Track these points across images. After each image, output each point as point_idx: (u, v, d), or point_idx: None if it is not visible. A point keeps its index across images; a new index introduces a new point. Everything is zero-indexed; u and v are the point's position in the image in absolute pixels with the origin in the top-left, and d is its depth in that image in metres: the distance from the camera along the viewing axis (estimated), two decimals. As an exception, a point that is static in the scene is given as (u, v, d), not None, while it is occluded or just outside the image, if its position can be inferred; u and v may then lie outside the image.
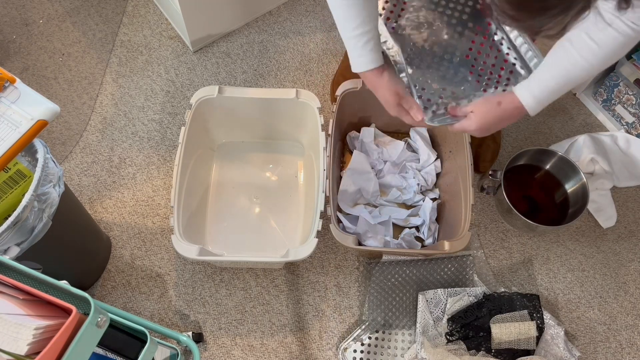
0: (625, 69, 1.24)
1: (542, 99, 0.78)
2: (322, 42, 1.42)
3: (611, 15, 0.69)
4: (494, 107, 0.82)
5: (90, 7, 1.44)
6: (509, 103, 0.81)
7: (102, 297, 1.11)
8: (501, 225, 1.22)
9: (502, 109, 0.81)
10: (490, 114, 0.82)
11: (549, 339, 1.06)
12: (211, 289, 1.13)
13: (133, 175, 1.23)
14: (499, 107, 0.81)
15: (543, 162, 1.22)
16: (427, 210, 1.15)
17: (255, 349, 1.08)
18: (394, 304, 1.09)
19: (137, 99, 1.32)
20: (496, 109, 0.81)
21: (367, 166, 1.19)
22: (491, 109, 0.82)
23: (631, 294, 1.16)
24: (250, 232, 1.17)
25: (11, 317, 0.54)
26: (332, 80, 1.35)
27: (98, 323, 0.57)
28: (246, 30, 1.43)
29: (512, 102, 0.80)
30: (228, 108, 1.13)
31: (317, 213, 0.98)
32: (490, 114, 0.82)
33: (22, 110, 0.77)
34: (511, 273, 1.17)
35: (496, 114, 0.82)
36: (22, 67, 1.35)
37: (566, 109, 1.37)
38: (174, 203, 0.99)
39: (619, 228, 1.23)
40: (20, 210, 0.74)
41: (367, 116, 1.25)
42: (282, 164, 1.25)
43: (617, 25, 0.69)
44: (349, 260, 1.17)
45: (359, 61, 0.85)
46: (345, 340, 1.08)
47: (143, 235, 1.17)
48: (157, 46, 1.39)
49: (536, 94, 0.78)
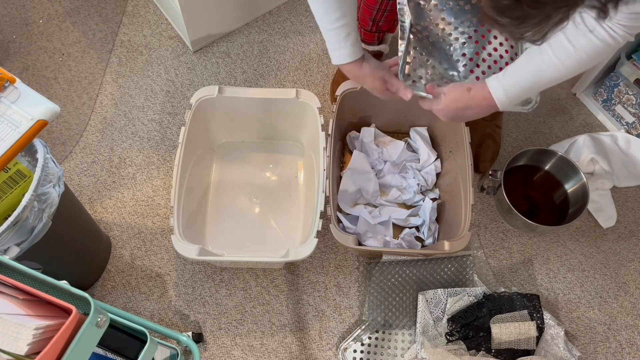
0: (625, 69, 1.24)
1: (512, 94, 0.79)
2: (322, 42, 1.42)
3: (594, 22, 0.69)
4: (463, 93, 0.82)
5: (90, 7, 1.44)
6: (479, 91, 0.81)
7: (102, 297, 1.11)
8: (501, 225, 1.22)
9: (471, 96, 0.81)
10: (459, 99, 0.83)
11: (549, 339, 1.06)
12: (211, 289, 1.13)
13: (133, 175, 1.23)
14: (468, 93, 0.82)
15: (543, 162, 1.22)
16: (427, 210, 1.15)
17: (255, 349, 1.08)
18: (394, 304, 1.09)
19: (137, 99, 1.32)
20: (465, 95, 0.82)
21: (367, 166, 1.19)
22: (460, 95, 0.83)
23: (631, 294, 1.16)
24: (250, 232, 1.17)
25: (11, 317, 0.54)
26: (332, 80, 1.35)
27: (98, 323, 0.57)
28: (246, 30, 1.43)
29: (482, 90, 0.81)
30: (228, 108, 1.13)
31: (317, 213, 0.98)
32: (458, 99, 0.83)
33: (22, 110, 0.77)
34: (511, 273, 1.17)
35: (464, 100, 0.82)
36: (22, 67, 1.35)
37: (566, 109, 1.37)
38: (174, 203, 0.99)
39: (619, 228, 1.23)
40: (20, 210, 0.74)
41: (367, 116, 1.25)
42: (282, 164, 1.25)
43: (598, 32, 0.69)
44: (349, 260, 1.17)
45: (340, 53, 0.86)
46: (345, 340, 1.08)
47: (143, 235, 1.17)
48: (157, 46, 1.39)
49: (507, 88, 0.79)
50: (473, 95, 0.81)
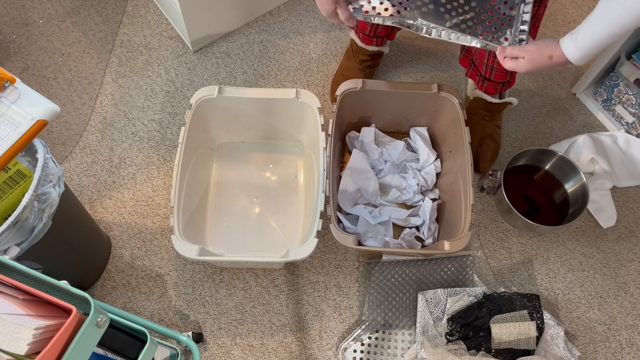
0: (625, 69, 1.24)
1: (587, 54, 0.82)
2: (322, 42, 1.42)
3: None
4: (544, 61, 0.86)
5: (90, 7, 1.44)
6: (559, 57, 0.85)
7: (102, 297, 1.11)
8: (501, 225, 1.22)
9: (552, 63, 0.86)
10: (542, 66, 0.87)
11: (549, 339, 1.06)
12: (211, 289, 1.13)
13: (133, 175, 1.23)
14: (550, 61, 0.86)
15: (543, 162, 1.22)
16: (427, 210, 1.15)
17: (255, 349, 1.08)
18: (394, 304, 1.09)
19: (137, 99, 1.32)
20: (547, 62, 0.86)
21: (366, 165, 1.19)
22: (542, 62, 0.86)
23: (631, 294, 1.16)
24: (250, 232, 1.17)
25: (11, 317, 0.54)
26: (332, 80, 1.35)
27: (98, 323, 0.57)
28: (246, 30, 1.43)
29: (562, 57, 0.84)
30: (228, 108, 1.13)
31: (317, 213, 0.98)
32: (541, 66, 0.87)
33: (22, 110, 0.77)
34: (511, 273, 1.17)
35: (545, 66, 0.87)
36: (22, 67, 1.35)
37: (566, 109, 1.37)
38: (174, 203, 0.99)
39: (619, 228, 1.23)
40: (20, 210, 0.74)
41: (367, 116, 1.25)
42: (282, 164, 1.25)
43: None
44: (349, 260, 1.17)
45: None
46: (345, 340, 1.08)
47: (143, 235, 1.17)
48: (157, 46, 1.39)
49: (582, 49, 0.81)
50: (554, 62, 0.85)
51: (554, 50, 0.84)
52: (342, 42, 1.43)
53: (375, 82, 1.13)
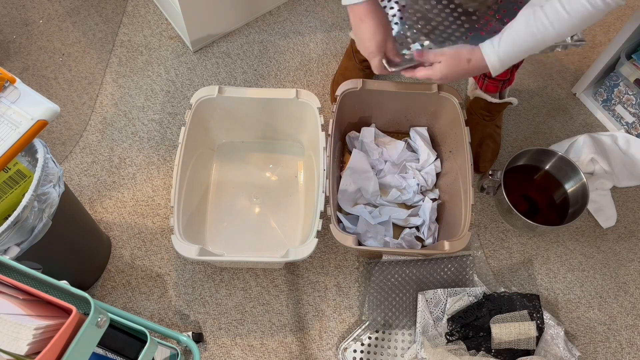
0: (625, 69, 1.24)
1: (506, 61, 0.82)
2: (322, 42, 1.42)
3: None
4: (462, 64, 0.84)
5: (90, 7, 1.44)
6: (478, 61, 0.83)
7: (102, 297, 1.11)
8: (501, 225, 1.22)
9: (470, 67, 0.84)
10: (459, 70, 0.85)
11: (549, 339, 1.06)
12: (211, 289, 1.13)
13: (133, 175, 1.23)
14: (468, 65, 0.84)
15: (543, 162, 1.22)
16: (427, 210, 1.15)
17: (255, 349, 1.08)
18: (394, 304, 1.09)
19: (137, 99, 1.32)
20: (464, 66, 0.84)
21: (366, 165, 1.19)
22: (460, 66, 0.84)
23: (631, 294, 1.16)
24: (250, 232, 1.17)
25: (11, 317, 0.54)
26: (332, 80, 1.35)
27: (98, 323, 0.57)
28: (246, 30, 1.43)
29: (481, 61, 0.83)
30: (228, 108, 1.13)
31: (317, 213, 0.98)
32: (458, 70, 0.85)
33: (22, 110, 0.77)
34: (511, 273, 1.17)
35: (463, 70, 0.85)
36: (22, 67, 1.35)
37: (566, 109, 1.37)
38: (174, 203, 0.99)
39: (619, 228, 1.23)
40: (20, 210, 0.74)
41: (367, 116, 1.25)
42: (282, 164, 1.25)
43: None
44: (349, 260, 1.17)
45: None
46: (345, 340, 1.08)
47: (143, 235, 1.17)
48: (157, 46, 1.39)
49: (501, 56, 0.81)
50: (472, 66, 0.84)
51: (473, 53, 0.83)
52: (342, 42, 1.43)
53: (375, 82, 1.13)
